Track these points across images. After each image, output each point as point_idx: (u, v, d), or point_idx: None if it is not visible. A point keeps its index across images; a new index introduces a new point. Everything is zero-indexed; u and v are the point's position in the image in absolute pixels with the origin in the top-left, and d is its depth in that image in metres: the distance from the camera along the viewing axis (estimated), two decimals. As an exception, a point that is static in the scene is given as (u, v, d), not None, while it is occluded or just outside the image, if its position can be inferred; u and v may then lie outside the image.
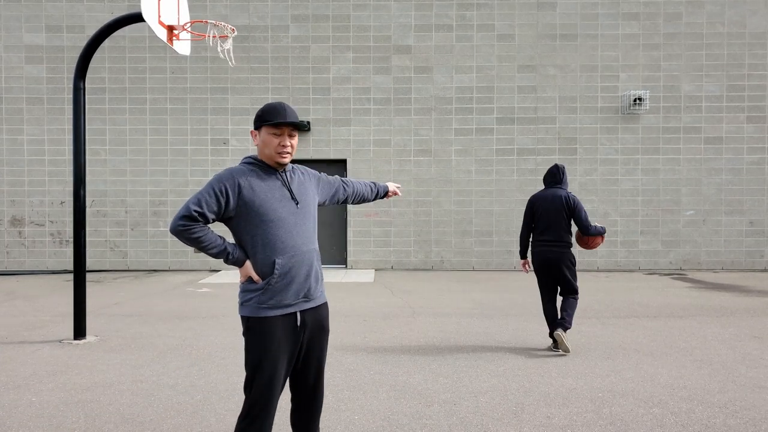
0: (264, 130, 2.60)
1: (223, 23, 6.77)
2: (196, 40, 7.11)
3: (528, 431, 3.56)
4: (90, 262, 10.73)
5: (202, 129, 11.53)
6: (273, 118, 2.57)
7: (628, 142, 11.53)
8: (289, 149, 2.62)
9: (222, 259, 2.58)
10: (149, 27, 6.11)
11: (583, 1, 11.49)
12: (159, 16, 6.10)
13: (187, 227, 2.48)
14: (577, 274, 5.68)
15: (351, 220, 11.58)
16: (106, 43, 10.85)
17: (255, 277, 2.54)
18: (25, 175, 11.44)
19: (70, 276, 10.44)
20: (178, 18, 6.53)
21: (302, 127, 2.68)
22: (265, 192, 2.55)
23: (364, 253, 11.61)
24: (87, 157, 7.28)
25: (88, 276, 9.21)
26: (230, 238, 2.75)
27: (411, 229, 11.58)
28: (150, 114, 11.50)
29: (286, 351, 2.55)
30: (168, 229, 2.69)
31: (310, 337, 2.65)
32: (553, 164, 5.73)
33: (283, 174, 2.66)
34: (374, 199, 3.35)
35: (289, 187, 2.64)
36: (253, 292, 2.54)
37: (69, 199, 11.24)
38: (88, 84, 10.71)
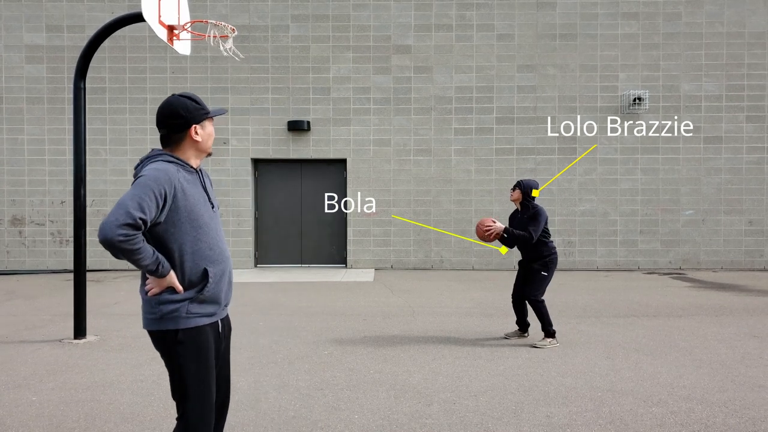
0: (207, 123, 2.46)
1: (223, 23, 6.77)
2: (196, 39, 7.11)
3: (528, 430, 3.57)
4: (90, 262, 10.73)
5: (202, 129, 11.51)
6: (215, 112, 2.48)
7: (627, 142, 11.54)
8: None
9: (148, 271, 2.27)
10: (149, 27, 6.12)
11: (583, 0, 11.49)
12: (159, 16, 6.11)
13: (130, 237, 2.16)
14: (577, 273, 5.68)
15: (351, 219, 11.59)
16: (107, 43, 10.86)
17: (179, 287, 2.32)
18: (25, 174, 11.44)
19: (71, 275, 10.44)
20: (179, 18, 6.53)
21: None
22: (193, 195, 2.37)
23: (363, 252, 11.61)
24: (87, 156, 7.28)
25: (89, 275, 9.23)
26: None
27: (411, 228, 11.59)
28: (150, 114, 11.50)
29: (215, 360, 2.46)
30: (103, 237, 2.14)
31: (225, 342, 2.57)
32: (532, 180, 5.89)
33: (200, 174, 2.49)
34: None
35: (205, 189, 2.49)
36: (177, 302, 2.33)
37: (69, 199, 11.25)
38: (89, 84, 10.72)
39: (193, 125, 2.42)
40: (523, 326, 5.88)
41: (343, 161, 11.69)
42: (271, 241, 11.91)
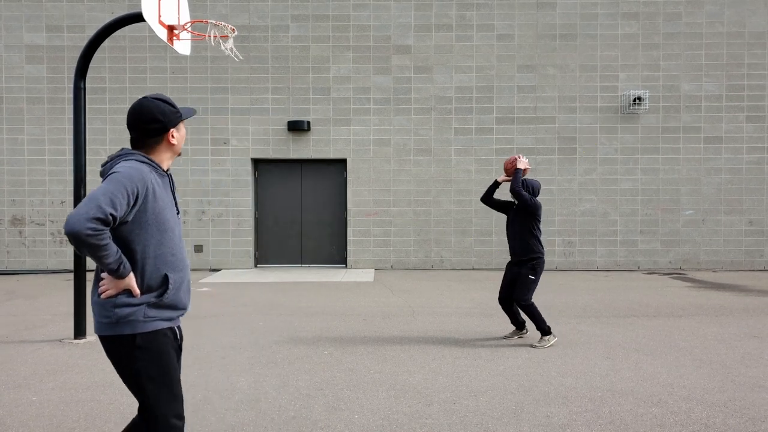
0: (182, 126, 2.45)
1: (223, 23, 6.77)
2: (196, 39, 7.11)
3: (527, 430, 3.57)
4: (90, 262, 10.73)
5: (202, 128, 11.54)
6: (189, 114, 2.46)
7: (627, 142, 11.54)
8: None
9: (109, 270, 2.19)
10: (149, 27, 6.12)
11: (583, 1, 11.49)
12: (159, 16, 6.11)
13: (99, 232, 2.09)
14: (577, 273, 5.70)
15: (351, 219, 11.59)
16: (107, 43, 10.86)
17: (136, 290, 2.25)
18: (25, 174, 11.45)
19: (71, 275, 10.45)
20: (179, 18, 6.53)
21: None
22: (163, 199, 2.33)
23: (363, 252, 11.61)
24: (87, 156, 7.27)
25: (89, 275, 9.22)
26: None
27: (411, 228, 11.59)
28: (150, 114, 11.49)
29: (176, 361, 2.39)
30: (70, 229, 2.05)
31: (180, 346, 2.51)
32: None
33: (170, 178, 2.46)
34: None
35: (173, 193, 2.46)
36: (134, 306, 2.25)
37: (69, 199, 11.25)
38: (89, 84, 10.73)
39: (171, 129, 2.40)
40: (518, 325, 5.88)
41: (343, 161, 11.70)
42: (271, 241, 11.91)
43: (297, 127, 11.37)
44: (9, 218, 11.46)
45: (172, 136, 2.41)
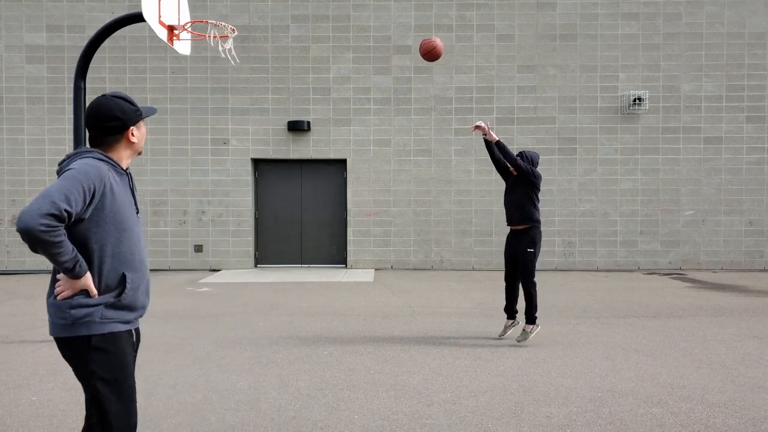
0: (142, 124, 2.41)
1: (223, 23, 6.78)
2: (196, 40, 7.12)
3: (528, 431, 3.57)
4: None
5: (202, 129, 11.54)
6: (149, 113, 2.43)
7: (627, 142, 11.54)
8: None
9: (64, 269, 2.14)
10: (150, 27, 6.12)
11: (583, 1, 11.49)
12: (159, 16, 6.11)
13: (52, 229, 2.03)
14: (577, 274, 5.73)
15: (351, 219, 11.59)
16: (107, 43, 10.83)
17: (93, 291, 2.21)
18: (25, 174, 11.44)
19: (70, 276, 10.42)
20: (179, 18, 6.53)
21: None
22: (121, 197, 2.29)
23: (363, 252, 11.61)
24: (87, 156, 7.28)
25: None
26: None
27: (411, 228, 11.59)
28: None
29: (132, 364, 2.37)
30: (23, 225, 2.02)
31: (136, 349, 2.48)
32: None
33: (129, 177, 2.42)
34: None
35: (133, 192, 2.42)
36: (91, 307, 2.21)
37: (69, 199, 11.22)
38: (89, 84, 10.67)
39: (131, 127, 2.36)
40: (510, 313, 5.89)
41: (344, 161, 11.69)
42: (271, 241, 11.91)
43: (297, 127, 11.37)
44: (9, 218, 11.45)
45: (132, 134, 2.37)
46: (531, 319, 5.62)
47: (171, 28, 6.38)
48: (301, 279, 10.26)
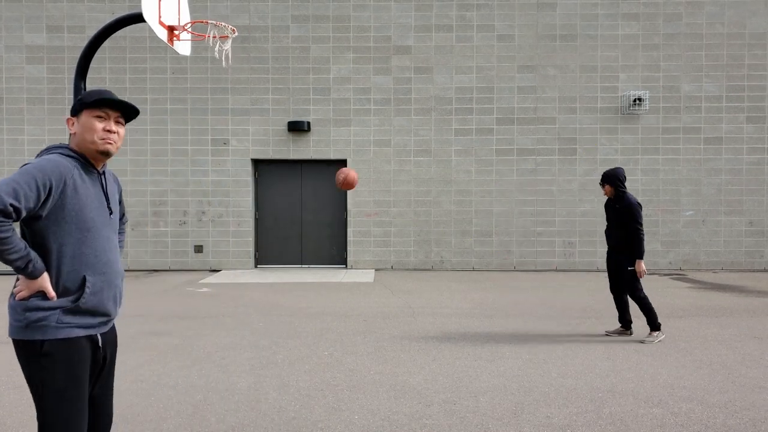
0: (85, 114, 2.22)
1: (223, 23, 6.77)
2: (196, 40, 7.12)
3: (528, 431, 3.56)
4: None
5: (202, 129, 11.54)
6: (97, 98, 2.21)
7: (627, 143, 11.54)
8: (115, 136, 2.25)
9: (16, 268, 2.05)
10: (150, 27, 6.12)
11: (583, 1, 11.49)
12: (159, 17, 6.11)
13: None
14: (577, 274, 5.73)
15: (351, 220, 11.59)
16: (107, 43, 10.86)
17: (51, 292, 2.10)
18: (25, 175, 11.42)
19: (71, 276, 10.41)
20: (179, 18, 6.53)
21: (131, 114, 2.31)
22: (86, 195, 2.18)
23: (364, 253, 11.61)
24: (87, 157, 7.29)
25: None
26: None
27: (411, 229, 11.59)
28: (150, 114, 11.51)
29: (89, 375, 2.22)
30: None
31: (109, 357, 2.35)
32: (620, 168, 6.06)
33: (102, 176, 2.31)
34: None
35: (105, 192, 2.30)
36: (47, 310, 2.10)
37: (69, 199, 11.22)
38: (89, 84, 10.71)
39: (69, 118, 2.27)
40: (624, 323, 6.03)
41: (344, 162, 11.69)
42: (272, 241, 11.91)
43: (297, 128, 11.37)
44: (9, 218, 11.43)
45: (71, 125, 2.25)
46: (654, 327, 5.79)
47: (171, 29, 6.38)
48: (301, 279, 10.26)
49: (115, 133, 2.25)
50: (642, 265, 5.78)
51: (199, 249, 11.52)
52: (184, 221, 11.52)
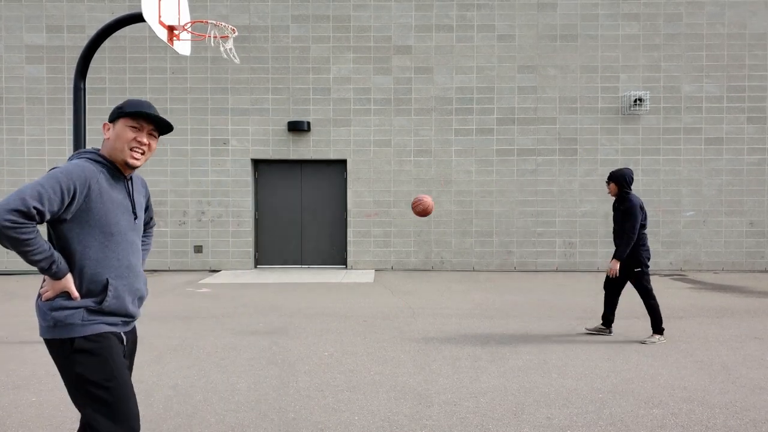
0: (121, 122, 2.28)
1: (223, 23, 6.77)
2: (196, 40, 7.11)
3: (528, 432, 3.56)
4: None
5: (202, 129, 11.53)
6: (135, 109, 2.28)
7: (628, 143, 11.53)
8: (144, 148, 2.31)
9: (40, 269, 2.11)
10: (150, 27, 6.12)
11: (584, 1, 11.49)
12: (159, 17, 6.10)
13: (19, 225, 2.00)
14: (578, 274, 5.73)
15: (351, 220, 11.58)
16: (107, 43, 10.85)
17: (74, 293, 2.16)
18: (25, 175, 11.43)
19: (70, 276, 10.41)
20: (179, 18, 6.53)
21: (166, 129, 2.38)
22: (111, 200, 2.23)
23: (364, 253, 11.60)
24: (87, 157, 7.29)
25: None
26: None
27: (411, 229, 11.58)
28: (150, 114, 11.48)
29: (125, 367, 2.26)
30: None
31: (129, 356, 2.41)
32: (629, 169, 6.12)
33: (129, 182, 2.37)
34: None
35: (132, 197, 2.36)
36: (71, 309, 2.16)
37: (69, 199, 11.22)
38: (89, 84, 10.71)
39: (106, 123, 2.34)
40: (606, 322, 6.06)
41: (344, 162, 11.69)
42: (271, 241, 11.90)
43: (297, 128, 11.36)
44: (9, 218, 11.43)
45: (106, 130, 2.32)
46: (657, 330, 5.79)
47: (171, 29, 6.37)
48: (301, 280, 10.25)
49: (146, 144, 2.32)
50: (616, 266, 5.80)
51: (198, 249, 11.51)
52: (184, 221, 11.51)
